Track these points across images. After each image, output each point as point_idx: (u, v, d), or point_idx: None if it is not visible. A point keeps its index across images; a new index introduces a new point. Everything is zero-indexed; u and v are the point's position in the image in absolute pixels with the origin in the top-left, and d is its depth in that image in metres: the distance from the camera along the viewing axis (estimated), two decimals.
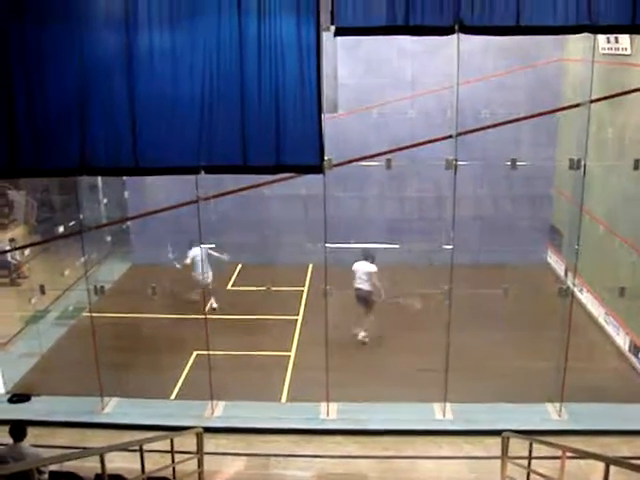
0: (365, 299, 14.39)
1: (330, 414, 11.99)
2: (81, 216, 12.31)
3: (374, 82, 17.57)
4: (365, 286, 14.30)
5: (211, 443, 10.59)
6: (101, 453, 6.43)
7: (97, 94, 9.87)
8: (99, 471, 6.59)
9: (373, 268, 14.34)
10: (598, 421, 11.54)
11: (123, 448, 7.77)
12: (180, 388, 13.03)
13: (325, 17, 9.69)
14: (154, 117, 9.98)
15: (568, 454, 7.46)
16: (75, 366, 13.05)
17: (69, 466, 7.70)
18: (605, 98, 12.57)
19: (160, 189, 15.22)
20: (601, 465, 6.26)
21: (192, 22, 9.68)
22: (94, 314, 12.32)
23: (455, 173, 11.11)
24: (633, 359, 13.57)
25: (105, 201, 18.71)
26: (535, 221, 18.43)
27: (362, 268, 14.38)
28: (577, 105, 11.75)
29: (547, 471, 8.14)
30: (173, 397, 12.78)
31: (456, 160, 11.04)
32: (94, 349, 11.99)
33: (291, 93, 9.89)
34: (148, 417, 11.75)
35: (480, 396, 12.17)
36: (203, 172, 10.30)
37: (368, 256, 14.48)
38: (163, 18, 9.71)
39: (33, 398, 12.57)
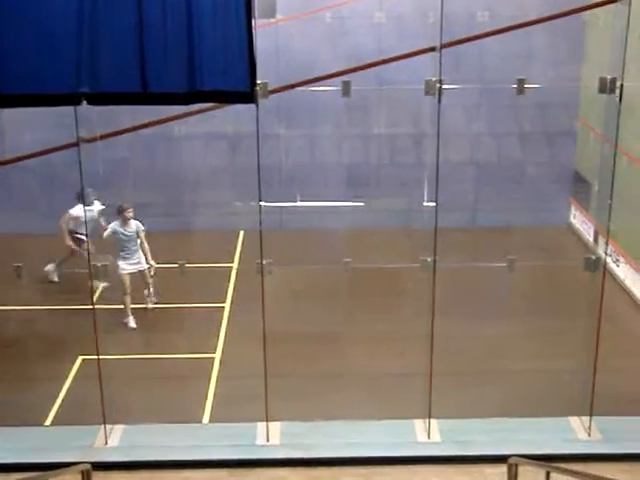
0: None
1: (271, 438, 12.00)
2: None
3: None
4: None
5: None
6: None
7: None
8: None
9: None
10: None
11: None
12: (60, 408, 12.94)
13: None
14: (11, 29, 9.81)
15: None
16: None
17: None
18: None
19: (25, 128, 14.97)
20: None
21: None
22: None
23: (439, 101, 11.10)
24: None
25: None
26: (552, 167, 18.69)
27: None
28: (613, 1, 11.78)
29: None
30: (49, 422, 12.69)
31: (441, 82, 11.03)
32: None
33: None
34: (14, 452, 11.58)
35: (478, 409, 12.33)
36: (85, 102, 10.15)
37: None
38: None
39: None
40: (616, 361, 12.60)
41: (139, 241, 15.60)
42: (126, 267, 15.42)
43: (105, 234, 15.52)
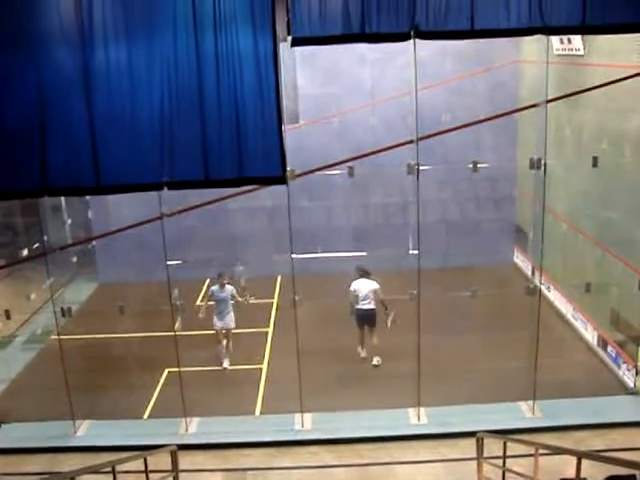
0: (371, 319, 13.90)
1: (305, 424, 11.96)
2: (45, 238, 12.16)
3: (334, 91, 17.66)
4: (371, 305, 13.85)
5: (187, 460, 10.51)
6: (72, 477, 6.32)
7: (56, 114, 9.78)
8: None
9: (376, 285, 13.88)
10: (571, 416, 11.67)
11: (95, 470, 7.65)
12: (153, 407, 12.90)
13: (281, 28, 9.73)
14: (114, 135, 9.90)
15: (541, 451, 7.52)
16: (45, 390, 12.84)
17: None
18: (561, 98, 12.72)
19: (124, 207, 15.05)
20: (574, 459, 6.32)
21: (148, 38, 9.63)
22: (63, 336, 12.17)
23: (418, 178, 11.18)
24: (601, 353, 13.74)
25: (69, 222, 18.53)
26: (500, 222, 18.67)
27: (366, 287, 13.85)
28: (534, 105, 11.89)
29: (522, 469, 8.21)
30: (146, 416, 12.65)
31: (418, 165, 11.12)
32: (64, 372, 11.85)
33: (250, 105, 9.89)
34: (122, 438, 11.62)
35: (454, 398, 12.24)
36: (166, 188, 10.23)
37: (365, 273, 14.01)
38: (118, 35, 9.65)
39: (2, 425, 12.36)
40: (550, 359, 12.48)
41: (231, 303, 14.17)
42: (217, 323, 14.14)
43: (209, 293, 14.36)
